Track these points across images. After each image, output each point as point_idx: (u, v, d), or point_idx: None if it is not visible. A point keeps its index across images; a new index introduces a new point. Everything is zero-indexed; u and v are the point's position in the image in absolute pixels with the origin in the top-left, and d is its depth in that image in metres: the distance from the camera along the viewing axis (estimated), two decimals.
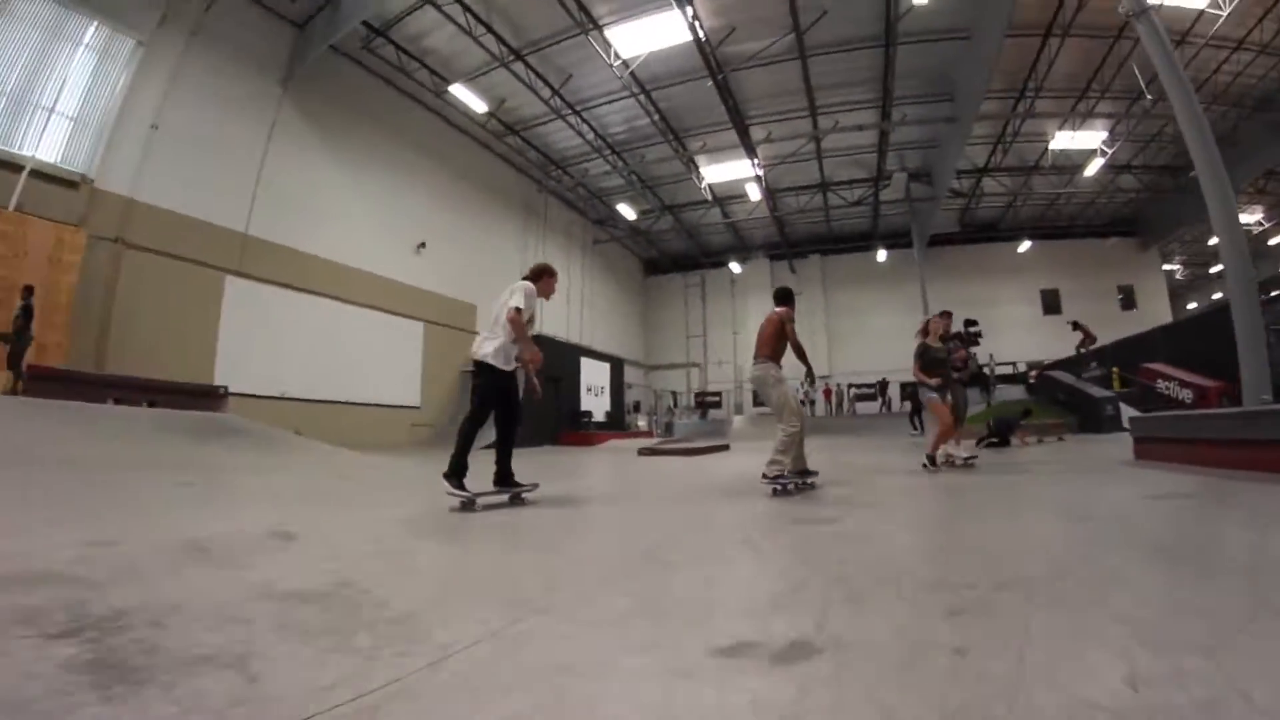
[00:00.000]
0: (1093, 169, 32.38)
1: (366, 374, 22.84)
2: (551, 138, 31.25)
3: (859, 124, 28.78)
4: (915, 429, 25.15)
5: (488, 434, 7.09)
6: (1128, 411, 17.85)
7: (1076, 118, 29.64)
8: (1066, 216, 41.96)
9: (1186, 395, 18.51)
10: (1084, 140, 30.99)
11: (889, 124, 28.83)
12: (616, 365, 36.43)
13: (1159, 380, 20.07)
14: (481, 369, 7.10)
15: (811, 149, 31.83)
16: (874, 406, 38.25)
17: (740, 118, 28.33)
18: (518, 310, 7.04)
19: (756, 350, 8.39)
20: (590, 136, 30.26)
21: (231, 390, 16.71)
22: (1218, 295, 49.84)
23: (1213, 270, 52.00)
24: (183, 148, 17.86)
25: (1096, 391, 22.08)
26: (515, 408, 7.42)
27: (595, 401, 33.00)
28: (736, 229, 42.65)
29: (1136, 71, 25.85)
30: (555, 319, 33.74)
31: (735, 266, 44.85)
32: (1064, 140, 30.77)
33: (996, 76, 25.54)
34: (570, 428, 28.36)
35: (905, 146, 32.54)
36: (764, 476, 7.49)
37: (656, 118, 28.62)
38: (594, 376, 33.28)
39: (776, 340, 8.26)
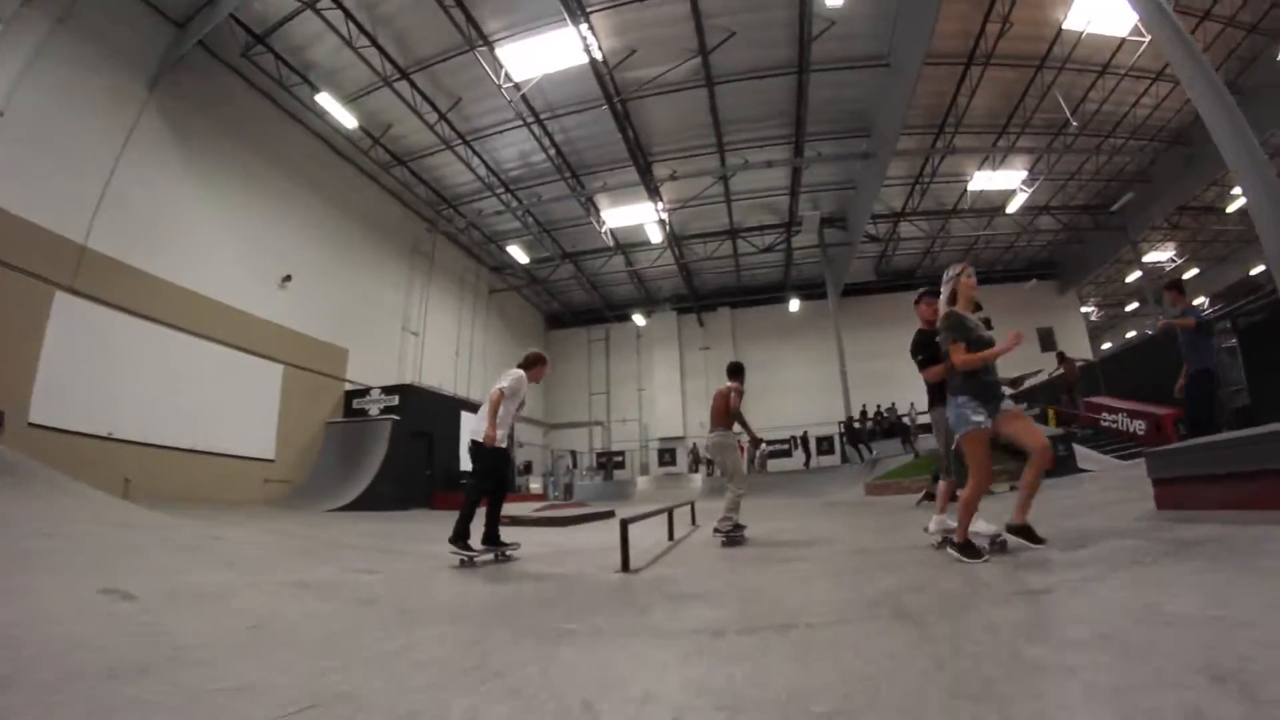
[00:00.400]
0: (1014, 205, 32.77)
1: (216, 419, 20.35)
2: (442, 172, 29.98)
3: (769, 160, 28.17)
4: (864, 456, 25.09)
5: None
6: (1084, 453, 17.43)
7: (997, 154, 29.94)
8: (985, 262, 42.31)
9: (1138, 426, 17.96)
10: (1003, 180, 31.42)
11: (802, 160, 28.31)
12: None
13: (1103, 414, 19.61)
14: (478, 448, 8.15)
15: (720, 190, 31.39)
16: (790, 462, 37.19)
17: (642, 154, 27.64)
18: (500, 391, 8.14)
19: (712, 421, 10.47)
20: (482, 171, 29.21)
21: (51, 425, 14.95)
22: (1132, 334, 52.87)
23: (1128, 309, 54.43)
24: (26, 141, 15.93)
25: (1045, 432, 19.72)
26: (506, 480, 8.87)
27: None
28: (641, 280, 42.01)
29: (1061, 100, 26.22)
30: (439, 371, 32.87)
31: (639, 319, 43.95)
32: (983, 180, 31.17)
33: (915, 112, 25.75)
34: (446, 489, 25.85)
35: (819, 188, 32.25)
36: (716, 531, 9.44)
37: (553, 152, 27.76)
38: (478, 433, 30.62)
39: (728, 412, 10.16)
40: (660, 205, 29.92)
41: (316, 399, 24.71)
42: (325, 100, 22.75)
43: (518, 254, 35.87)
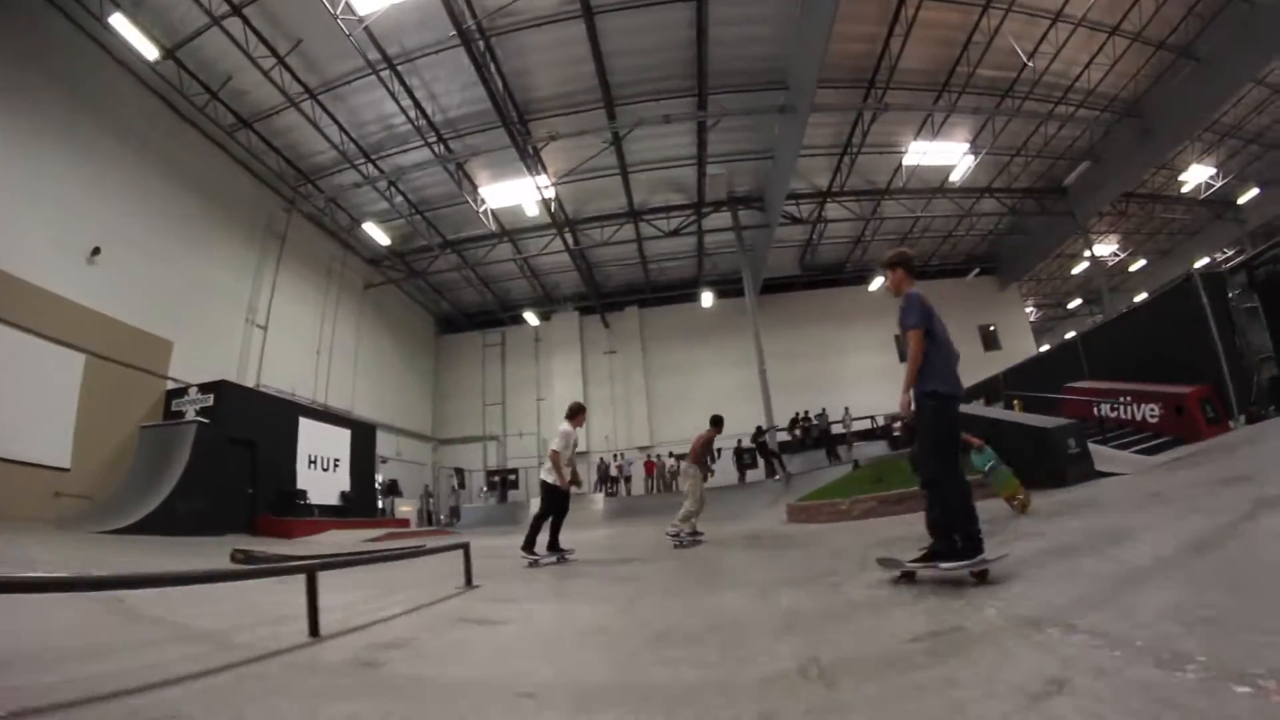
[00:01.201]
0: (957, 174, 30.46)
1: None
2: (295, 137, 25.87)
3: (667, 115, 24.26)
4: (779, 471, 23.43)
5: None
6: (1103, 453, 12.87)
7: (937, 117, 27.42)
8: (921, 253, 40.22)
9: (1150, 412, 14.76)
10: (943, 153, 28.83)
11: (706, 115, 24.61)
12: (364, 433, 29.87)
13: (1097, 401, 15.95)
14: (544, 486, 11.39)
15: (614, 161, 27.84)
16: (713, 479, 33.62)
17: (515, 108, 24.08)
18: (555, 451, 11.43)
19: (689, 457, 14.23)
20: (336, 136, 25.38)
21: None
22: (1071, 334, 50.62)
23: (1070, 306, 54.04)
24: None
25: (1050, 422, 13.07)
26: (564, 507, 11.81)
27: (325, 479, 26.26)
28: (535, 274, 38.57)
29: (1014, 43, 24.00)
30: (294, 371, 28.72)
31: (532, 318, 40.34)
32: (920, 153, 28.35)
33: (841, 60, 23.48)
34: (278, 512, 22.12)
35: (732, 158, 28.77)
36: (667, 534, 13.35)
37: (412, 111, 24.15)
38: (323, 445, 26.53)
39: (702, 452, 14.12)
40: (544, 178, 26.81)
41: (129, 398, 20.54)
42: (119, 22, 18.55)
43: (376, 233, 30.43)
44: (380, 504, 30.50)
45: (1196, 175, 34.60)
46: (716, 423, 14.14)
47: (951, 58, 25.04)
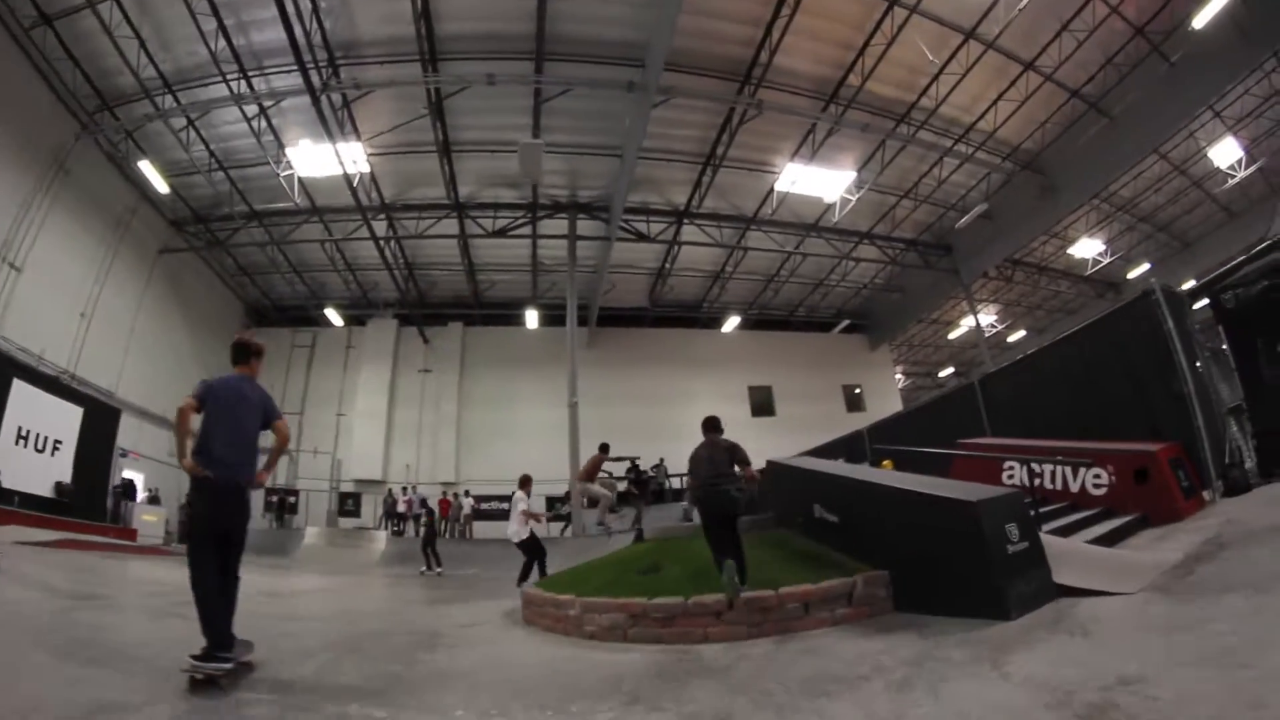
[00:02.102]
0: (838, 211, 26.41)
1: None
2: (97, 46, 19.66)
3: (490, 75, 19.35)
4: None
5: None
6: (1058, 546, 6.79)
7: (819, 132, 22.90)
8: (784, 301, 36.42)
9: (1093, 479, 9.64)
10: (820, 181, 24.39)
11: (540, 79, 19.73)
12: (103, 416, 23.77)
13: (1010, 462, 10.54)
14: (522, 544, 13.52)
15: (430, 138, 22.62)
16: (511, 529, 28.08)
17: (322, 48, 19.06)
18: (523, 511, 13.69)
19: (581, 477, 16.52)
20: (134, 54, 19.51)
21: None
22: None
23: (941, 375, 51.28)
24: None
25: (972, 491, 6.78)
26: (541, 549, 13.69)
27: (36, 462, 20.15)
28: (353, 270, 32.07)
29: (922, 47, 20.01)
30: (49, 326, 22.22)
31: (335, 317, 34.06)
32: (795, 177, 23.93)
33: (714, 49, 19.72)
34: None
35: (577, 150, 23.91)
36: (599, 524, 16.21)
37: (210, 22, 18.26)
38: (42, 420, 20.51)
39: (591, 472, 16.36)
40: (357, 146, 22.03)
41: None
42: None
43: (153, 176, 23.80)
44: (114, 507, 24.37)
45: (1086, 249, 32.55)
46: (604, 449, 16.53)
47: (844, 62, 20.98)
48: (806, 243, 29.49)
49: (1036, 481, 10.02)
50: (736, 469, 7.43)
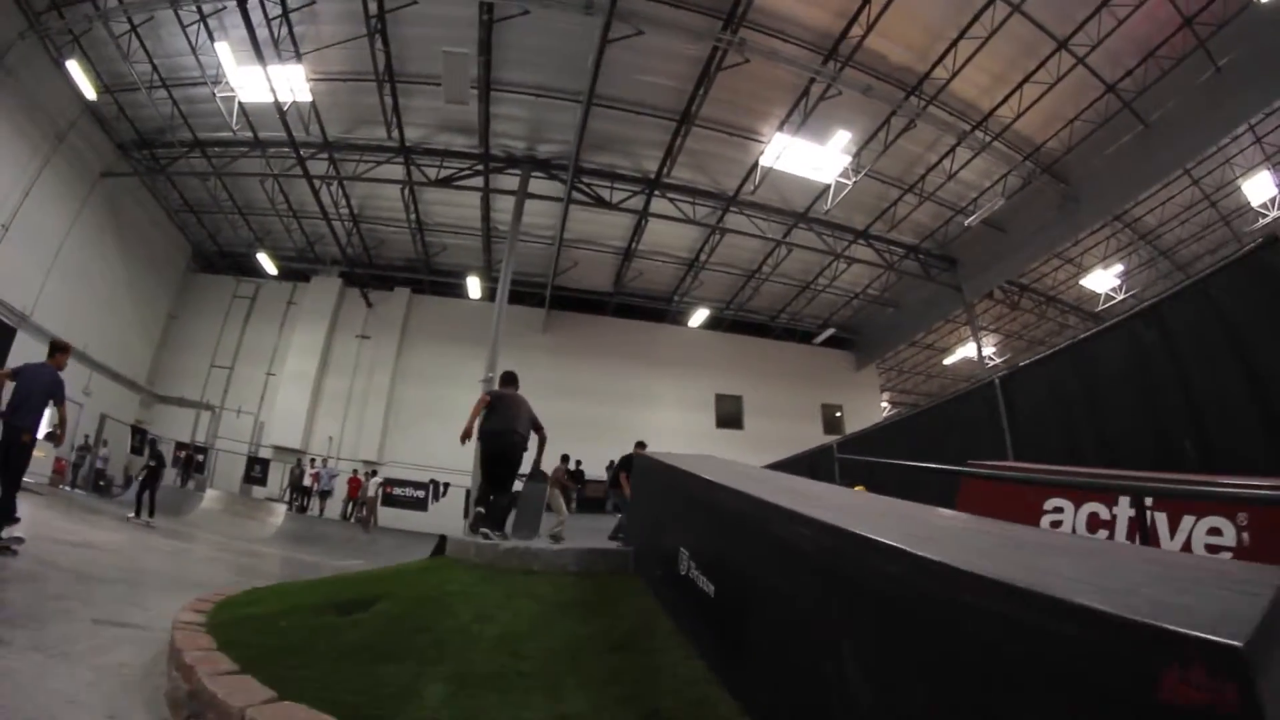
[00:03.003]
0: (831, 197, 23.04)
1: None
2: None
3: None
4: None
5: None
6: None
7: (814, 92, 19.20)
8: (765, 306, 33.21)
9: (1211, 532, 3.89)
10: (812, 159, 20.97)
11: None
12: None
13: (1054, 501, 5.17)
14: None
15: (369, 65, 19.56)
16: (423, 518, 25.07)
17: None
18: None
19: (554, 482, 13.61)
20: None
21: None
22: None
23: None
24: None
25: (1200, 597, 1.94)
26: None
27: None
28: (297, 216, 28.82)
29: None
30: None
31: (269, 264, 30.35)
32: (781, 150, 20.62)
33: None
34: None
35: (537, 93, 20.59)
36: (550, 534, 11.26)
37: None
38: None
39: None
40: (299, 69, 19.42)
41: None
42: None
43: (78, 76, 21.06)
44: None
45: (1100, 282, 29.12)
46: (565, 459, 16.71)
47: (847, 11, 17.55)
48: (794, 234, 26.05)
49: (1105, 526, 5.39)
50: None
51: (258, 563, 13.42)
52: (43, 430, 22.98)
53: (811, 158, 21.00)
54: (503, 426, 8.63)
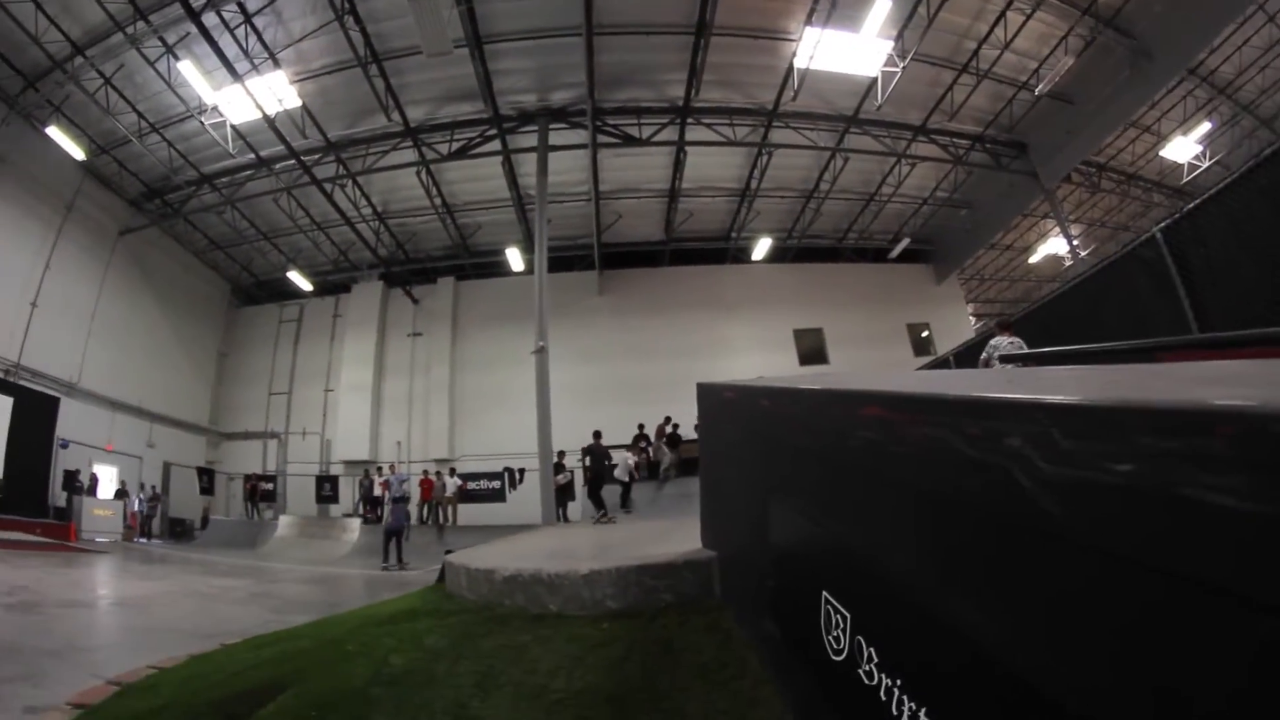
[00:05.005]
0: (880, 91, 20.75)
1: None
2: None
3: None
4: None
5: None
6: None
7: None
8: (830, 228, 30.94)
9: None
10: (850, 54, 19.16)
11: None
12: (35, 405, 21.76)
13: None
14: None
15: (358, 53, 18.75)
16: (503, 511, 23.79)
17: None
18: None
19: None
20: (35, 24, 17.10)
21: None
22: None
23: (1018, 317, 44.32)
24: None
25: None
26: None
27: None
28: (325, 232, 28.41)
29: None
30: None
31: (302, 281, 29.63)
32: (813, 49, 18.82)
33: None
34: None
35: (528, 35, 19.07)
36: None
37: None
38: None
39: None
40: (280, 75, 19.05)
41: None
42: None
43: (61, 140, 20.84)
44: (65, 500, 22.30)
45: (1181, 151, 26.79)
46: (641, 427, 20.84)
47: None
48: (848, 140, 23.96)
49: None
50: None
51: (307, 592, 11.97)
52: (112, 489, 23.04)
53: (849, 50, 19.03)
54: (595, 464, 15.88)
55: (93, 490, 23.15)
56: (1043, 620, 1.30)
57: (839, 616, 2.15)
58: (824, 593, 2.27)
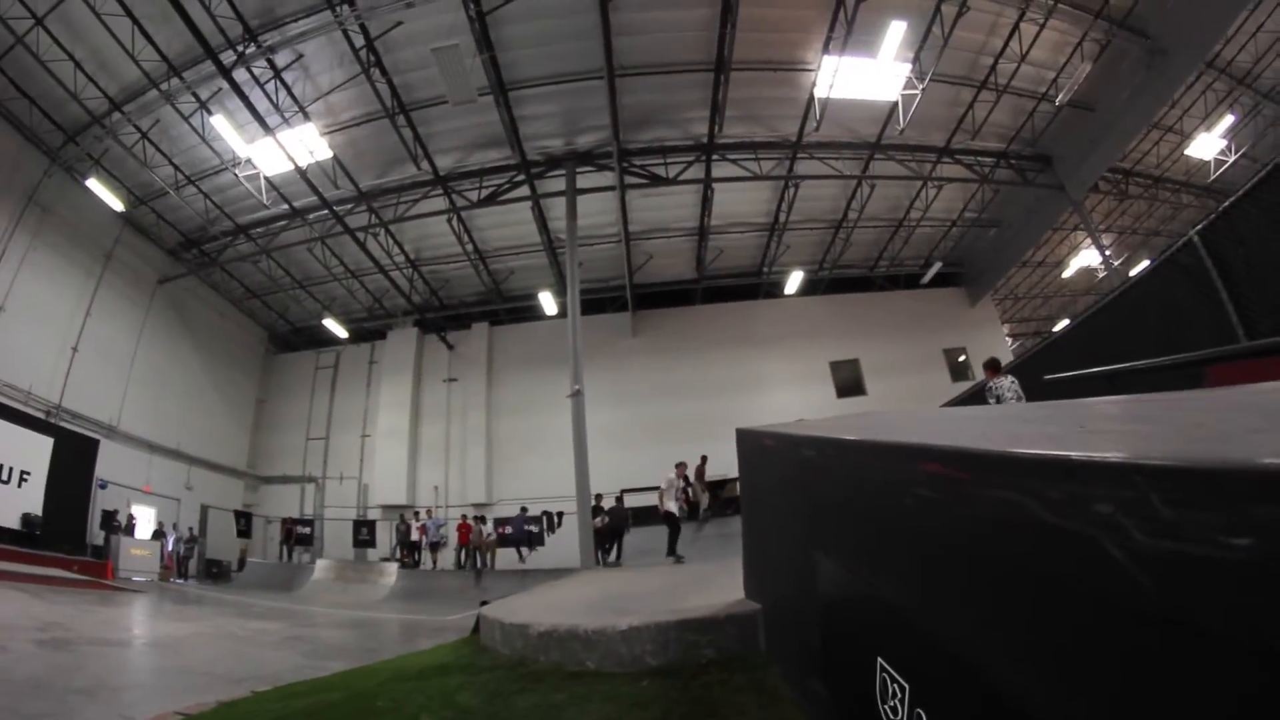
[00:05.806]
0: (901, 114, 20.78)
1: None
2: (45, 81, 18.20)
3: None
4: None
5: None
6: None
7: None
8: (861, 257, 30.85)
9: None
10: (869, 79, 19.31)
11: None
12: (76, 447, 22.06)
13: None
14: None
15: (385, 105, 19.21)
16: (541, 556, 23.24)
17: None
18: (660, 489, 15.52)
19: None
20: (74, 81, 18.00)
21: None
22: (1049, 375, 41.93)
23: (1056, 330, 43.49)
24: None
25: None
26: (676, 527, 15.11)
27: (3, 492, 19.05)
28: (357, 277, 28.66)
29: None
30: (19, 362, 20.54)
31: (337, 328, 29.87)
32: (832, 77, 18.93)
33: None
34: None
35: (550, 80, 19.38)
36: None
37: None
38: (7, 450, 19.26)
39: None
40: (310, 127, 19.39)
41: None
42: None
43: (101, 192, 21.58)
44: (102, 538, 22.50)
45: (1207, 148, 26.45)
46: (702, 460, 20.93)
47: None
48: (873, 167, 24.03)
49: None
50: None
51: (342, 637, 11.80)
52: (149, 529, 23.40)
53: (868, 76, 19.20)
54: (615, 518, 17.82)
55: (130, 530, 23.62)
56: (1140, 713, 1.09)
57: (896, 686, 2.00)
58: (879, 659, 2.15)
